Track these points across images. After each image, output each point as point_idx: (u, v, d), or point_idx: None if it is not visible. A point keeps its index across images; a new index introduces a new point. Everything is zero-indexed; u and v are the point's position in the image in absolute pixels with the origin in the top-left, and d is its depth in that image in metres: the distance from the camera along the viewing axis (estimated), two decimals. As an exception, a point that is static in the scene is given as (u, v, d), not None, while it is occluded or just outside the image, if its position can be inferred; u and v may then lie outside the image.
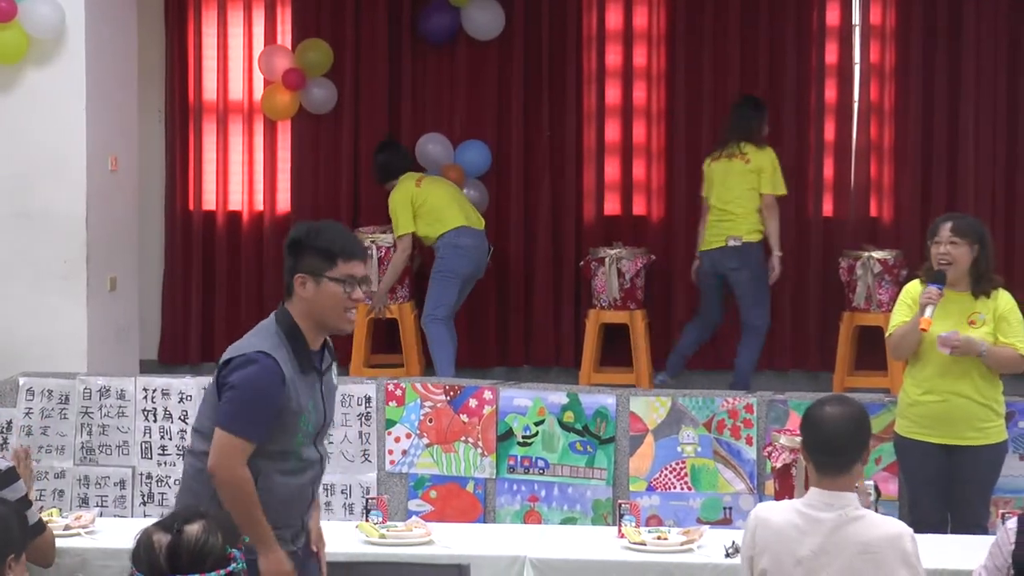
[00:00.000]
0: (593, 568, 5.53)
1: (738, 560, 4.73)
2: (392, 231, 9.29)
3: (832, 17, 9.87)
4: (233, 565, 3.30)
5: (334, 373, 4.72)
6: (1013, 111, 9.70)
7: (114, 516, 7.47)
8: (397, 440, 7.71)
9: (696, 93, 9.91)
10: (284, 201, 10.21)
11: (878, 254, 9.05)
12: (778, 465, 6.10)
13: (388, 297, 9.32)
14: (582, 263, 9.50)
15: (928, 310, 6.45)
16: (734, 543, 5.36)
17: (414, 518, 6.16)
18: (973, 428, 6.54)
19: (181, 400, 7.83)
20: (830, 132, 9.89)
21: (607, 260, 9.20)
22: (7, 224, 8.54)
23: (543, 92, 10.03)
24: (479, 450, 7.64)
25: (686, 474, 7.48)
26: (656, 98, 10.00)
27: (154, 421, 7.84)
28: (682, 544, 5.59)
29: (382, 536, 5.72)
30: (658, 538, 5.65)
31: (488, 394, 7.66)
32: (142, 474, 7.85)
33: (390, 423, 7.72)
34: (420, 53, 10.11)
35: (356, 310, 4.65)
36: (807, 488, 4.51)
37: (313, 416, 4.58)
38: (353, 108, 10.12)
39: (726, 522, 7.30)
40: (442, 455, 7.67)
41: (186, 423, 7.65)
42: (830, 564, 4.36)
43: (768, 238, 8.98)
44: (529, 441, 7.62)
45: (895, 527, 4.45)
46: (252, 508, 4.40)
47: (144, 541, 3.31)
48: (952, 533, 6.45)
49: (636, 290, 9.25)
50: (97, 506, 7.64)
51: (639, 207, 10.05)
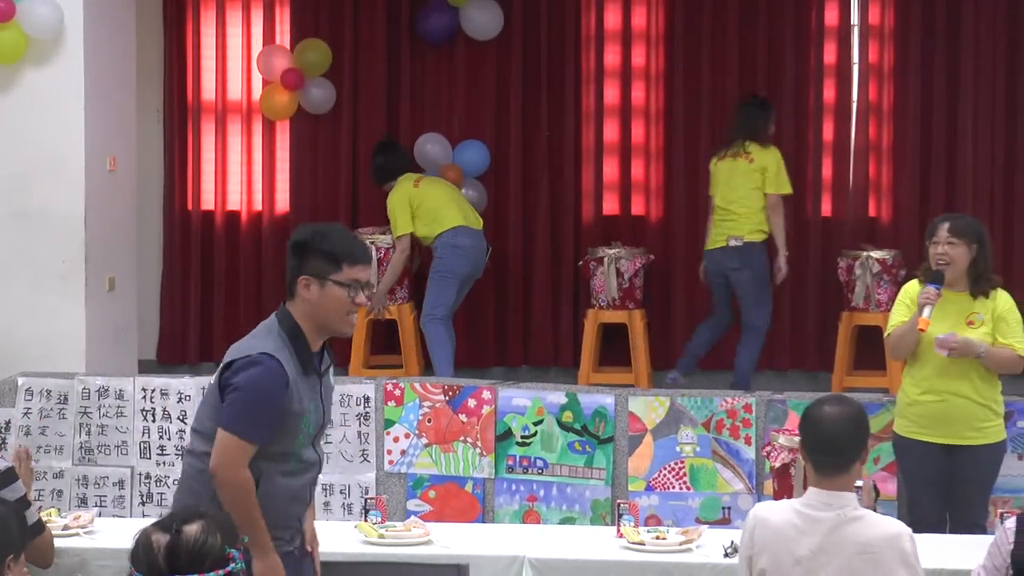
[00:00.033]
0: (592, 568, 5.53)
1: (736, 560, 4.72)
2: (391, 232, 9.29)
3: (831, 17, 9.87)
4: (232, 565, 3.30)
5: (331, 374, 4.72)
6: (1011, 111, 9.70)
7: (113, 516, 7.47)
8: (396, 440, 7.71)
9: (695, 93, 9.91)
10: (283, 201, 10.21)
11: (877, 254, 9.04)
12: (777, 465, 6.10)
13: (387, 298, 9.31)
14: (581, 263, 9.49)
15: (926, 310, 6.45)
16: (733, 543, 5.36)
17: (413, 518, 6.15)
18: (972, 428, 6.53)
19: (180, 400, 7.83)
20: (829, 132, 9.89)
21: (606, 260, 9.20)
22: (5, 224, 8.54)
23: (542, 92, 10.03)
24: (478, 450, 7.64)
25: (685, 474, 7.48)
26: (655, 98, 10.00)
27: (153, 421, 7.83)
28: (681, 544, 5.59)
29: (381, 536, 5.72)
30: (657, 538, 5.65)
31: (487, 394, 7.66)
32: (141, 474, 7.85)
33: (389, 423, 7.72)
34: (419, 53, 10.11)
35: (357, 313, 4.65)
36: (806, 488, 4.51)
37: (314, 418, 4.59)
38: (352, 108, 10.11)
39: (725, 522, 7.30)
40: (441, 455, 7.67)
41: (185, 423, 7.64)
42: (829, 564, 4.35)
43: (774, 238, 8.97)
44: (528, 441, 7.62)
45: (894, 527, 4.44)
46: (252, 510, 4.40)
47: (143, 541, 3.30)
48: (951, 533, 6.45)
49: (635, 290, 9.25)
50: (96, 506, 7.64)
51: (638, 207, 10.05)
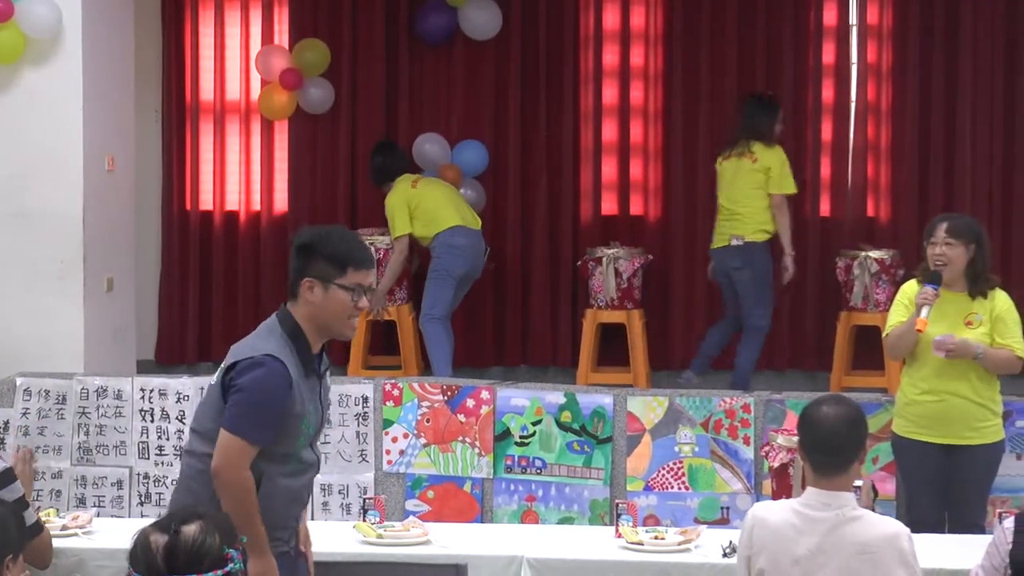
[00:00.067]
0: (590, 568, 5.53)
1: (735, 560, 4.72)
2: (389, 233, 9.29)
3: (829, 17, 9.87)
4: (231, 565, 3.29)
5: (328, 375, 4.72)
6: (1010, 111, 9.70)
7: (111, 516, 7.46)
8: (394, 440, 7.71)
9: (693, 93, 9.91)
10: (281, 201, 10.20)
11: (875, 254, 9.04)
12: (775, 465, 6.10)
13: (386, 299, 9.31)
14: (579, 263, 9.49)
15: (924, 311, 6.45)
16: (731, 543, 5.36)
17: (411, 518, 6.15)
18: (970, 428, 6.53)
19: (178, 400, 7.82)
20: (827, 132, 9.88)
21: (604, 260, 9.19)
22: (3, 224, 8.53)
23: (540, 92, 10.03)
24: (476, 450, 7.64)
25: (683, 474, 7.48)
26: (653, 98, 9.99)
27: (151, 421, 7.83)
28: (679, 544, 5.59)
29: (379, 536, 5.72)
30: (655, 538, 5.65)
31: (485, 394, 7.66)
32: (139, 474, 7.85)
33: (387, 423, 7.72)
34: (417, 53, 10.11)
35: (358, 317, 4.65)
36: (804, 488, 4.51)
37: (313, 419, 4.60)
38: (350, 108, 10.11)
39: (723, 522, 7.30)
40: (439, 455, 7.66)
41: (183, 423, 7.64)
42: (827, 564, 4.35)
43: (780, 238, 8.96)
44: (526, 441, 7.62)
45: (892, 527, 4.45)
46: (252, 511, 4.41)
47: (141, 541, 3.30)
48: (949, 532, 6.45)
49: (633, 290, 9.24)
50: (94, 506, 7.65)
51: (636, 207, 10.05)
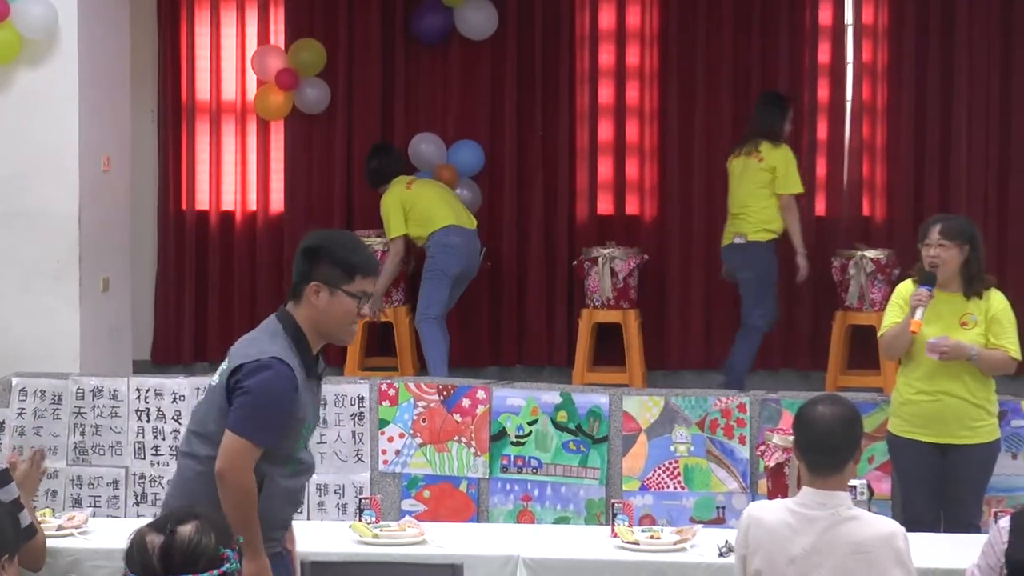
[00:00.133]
0: (586, 568, 5.53)
1: (731, 559, 4.73)
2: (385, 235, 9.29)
3: (825, 16, 9.87)
4: (227, 565, 3.30)
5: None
6: (1005, 110, 9.71)
7: (107, 516, 7.46)
8: (390, 440, 7.71)
9: (689, 93, 9.91)
10: (277, 201, 10.20)
11: (871, 253, 9.04)
12: (771, 464, 6.11)
13: (383, 301, 9.31)
14: (575, 262, 9.49)
15: (918, 312, 6.45)
16: (727, 542, 5.36)
17: (407, 518, 6.15)
18: (966, 427, 6.54)
19: (174, 400, 7.82)
20: (823, 131, 9.88)
21: (600, 259, 9.19)
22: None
23: (536, 92, 10.02)
24: (472, 450, 7.64)
25: (679, 473, 7.48)
26: (649, 98, 9.99)
27: (147, 421, 7.83)
28: (675, 543, 5.59)
29: (375, 536, 5.72)
30: (651, 537, 5.65)
31: (481, 394, 7.66)
32: (135, 474, 7.84)
33: (383, 423, 7.72)
34: (413, 53, 10.10)
35: (358, 323, 4.66)
36: (800, 487, 4.52)
37: (312, 420, 4.62)
38: (346, 108, 10.11)
39: (719, 521, 7.30)
40: (435, 455, 7.66)
41: (179, 423, 7.64)
42: (823, 563, 4.36)
43: (790, 238, 8.95)
44: (522, 441, 7.62)
45: (888, 526, 4.45)
46: (252, 512, 4.42)
47: (137, 542, 3.31)
48: (945, 532, 6.45)
49: (629, 289, 9.25)
50: (90, 506, 7.64)
51: (632, 207, 10.05)
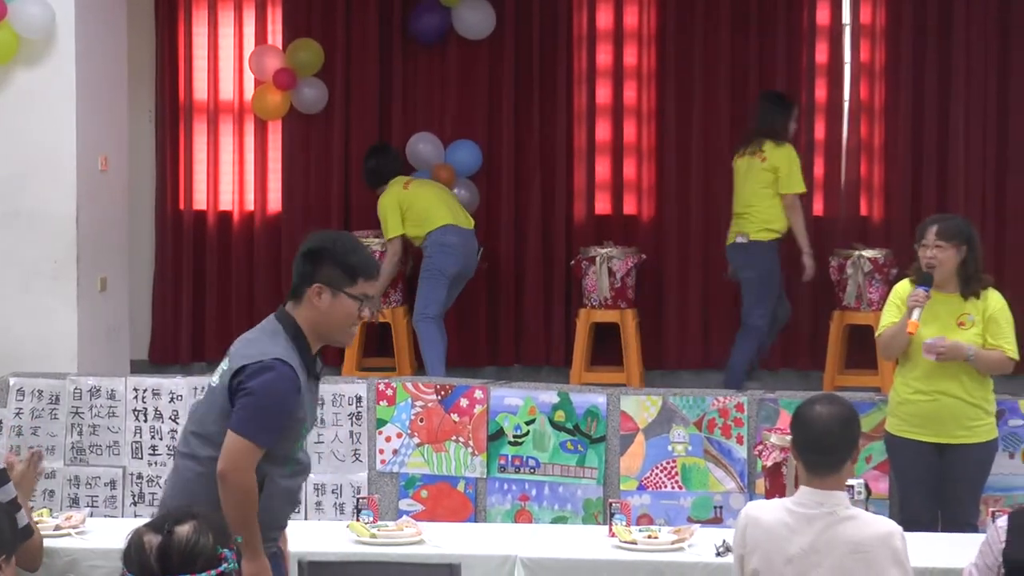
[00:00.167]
0: (584, 567, 5.53)
1: (729, 559, 4.73)
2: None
3: (822, 16, 9.87)
4: (224, 565, 3.30)
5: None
6: (1003, 110, 9.70)
7: (104, 516, 7.46)
8: (388, 440, 7.71)
9: (687, 93, 9.91)
10: (275, 201, 10.20)
11: (868, 253, 9.05)
12: (768, 464, 6.12)
13: (381, 302, 9.31)
14: (573, 262, 9.49)
15: (915, 313, 6.45)
16: (725, 542, 5.36)
17: (405, 518, 6.15)
18: (963, 427, 6.54)
19: (172, 400, 7.81)
20: (820, 131, 9.88)
21: (598, 259, 9.20)
22: (-3, 224, 8.55)
23: (534, 92, 10.02)
24: (470, 449, 7.63)
25: (677, 473, 7.48)
26: (646, 98, 9.99)
27: (144, 421, 7.82)
28: (673, 543, 5.59)
29: (373, 536, 5.72)
30: (649, 537, 5.65)
31: (479, 393, 7.66)
32: (132, 474, 7.84)
33: (381, 423, 7.71)
34: (411, 53, 10.10)
35: (358, 326, 4.67)
36: (797, 487, 4.52)
37: (309, 421, 4.63)
38: (344, 108, 10.10)
39: (717, 521, 7.30)
40: (433, 454, 7.66)
41: (177, 423, 7.63)
42: (820, 563, 4.36)
43: (795, 237, 8.94)
44: (520, 440, 7.62)
45: (885, 526, 4.45)
46: (252, 512, 4.43)
47: (135, 542, 3.30)
48: (942, 531, 6.46)
49: (627, 289, 9.25)
50: (87, 506, 7.63)
51: (630, 206, 10.05)
